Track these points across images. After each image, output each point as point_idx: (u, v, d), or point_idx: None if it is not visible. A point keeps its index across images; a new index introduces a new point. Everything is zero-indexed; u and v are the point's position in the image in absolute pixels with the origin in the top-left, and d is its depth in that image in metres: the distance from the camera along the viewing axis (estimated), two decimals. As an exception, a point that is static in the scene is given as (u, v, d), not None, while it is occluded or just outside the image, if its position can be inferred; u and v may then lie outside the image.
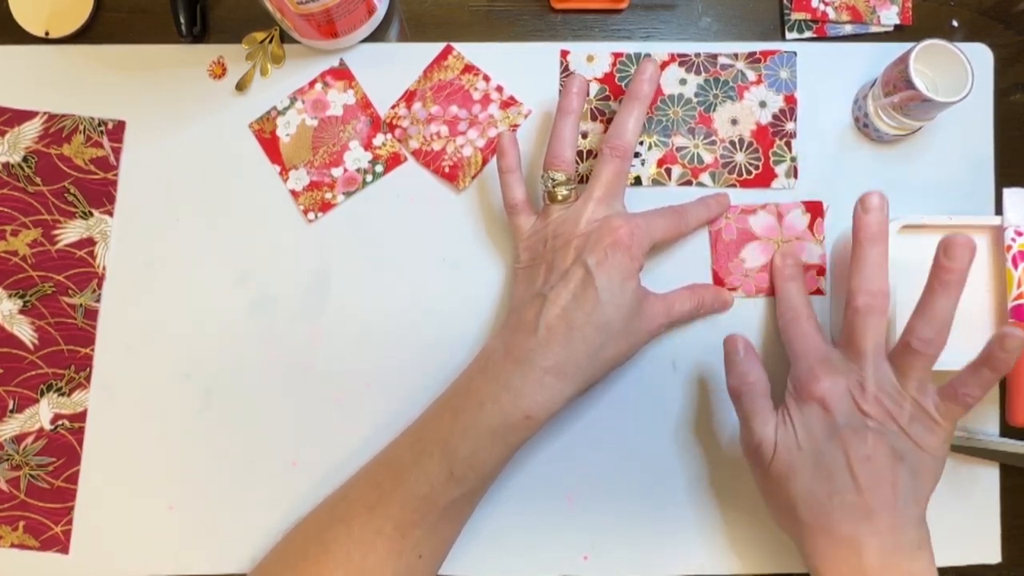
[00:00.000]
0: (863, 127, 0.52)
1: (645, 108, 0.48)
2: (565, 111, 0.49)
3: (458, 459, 0.43)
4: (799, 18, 0.54)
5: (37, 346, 0.51)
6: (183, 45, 0.54)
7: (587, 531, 0.50)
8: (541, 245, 0.47)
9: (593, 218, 0.46)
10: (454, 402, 0.45)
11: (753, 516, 0.50)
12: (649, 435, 0.51)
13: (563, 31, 0.54)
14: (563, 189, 0.48)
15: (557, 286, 0.45)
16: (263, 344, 0.51)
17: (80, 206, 0.52)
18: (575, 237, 0.46)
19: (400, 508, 0.43)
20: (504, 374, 0.44)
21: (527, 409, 0.43)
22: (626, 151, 0.47)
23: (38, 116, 0.53)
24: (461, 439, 0.43)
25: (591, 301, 0.44)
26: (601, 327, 0.44)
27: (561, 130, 0.48)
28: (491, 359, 0.45)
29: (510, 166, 0.49)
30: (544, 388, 0.43)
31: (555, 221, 0.47)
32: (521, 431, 0.44)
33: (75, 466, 0.50)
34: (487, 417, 0.43)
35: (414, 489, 0.43)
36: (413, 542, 0.43)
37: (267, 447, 0.51)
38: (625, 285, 0.45)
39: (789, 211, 0.52)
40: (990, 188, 0.53)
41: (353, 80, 0.53)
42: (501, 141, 0.49)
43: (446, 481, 0.43)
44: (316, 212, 0.52)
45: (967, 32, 0.54)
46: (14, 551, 0.50)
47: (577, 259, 0.45)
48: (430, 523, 0.44)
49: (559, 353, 0.43)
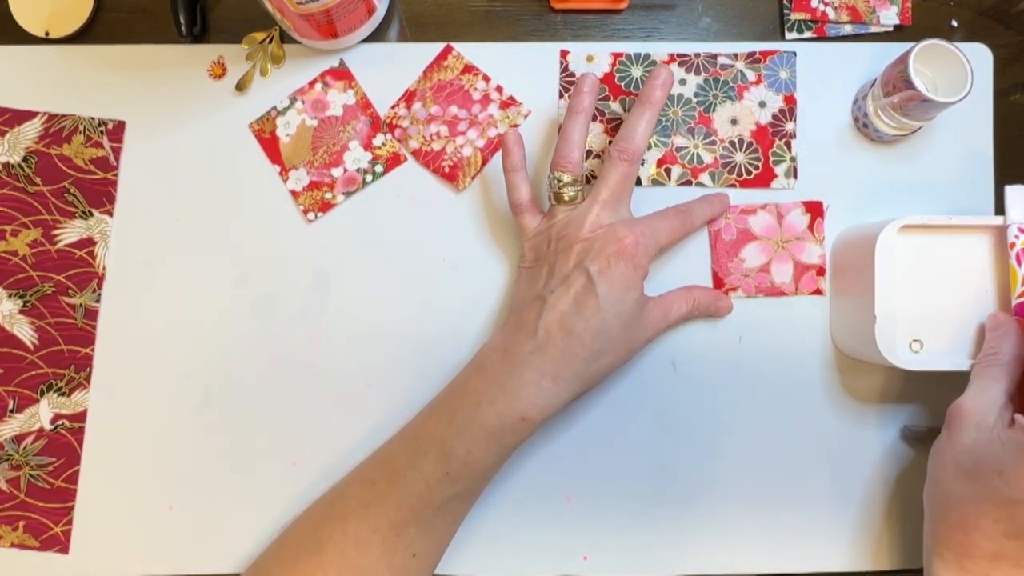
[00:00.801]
0: (863, 127, 0.52)
1: (656, 113, 0.48)
2: (575, 110, 0.48)
3: (453, 459, 0.43)
4: (799, 18, 0.54)
5: (37, 346, 0.51)
6: (183, 45, 0.54)
7: (587, 531, 0.50)
8: (545, 246, 0.47)
9: (598, 222, 0.46)
10: (451, 401, 0.45)
11: (753, 516, 0.50)
12: (649, 435, 0.51)
13: (563, 31, 0.54)
14: (569, 190, 0.47)
15: (557, 290, 0.45)
16: (263, 344, 0.51)
17: (80, 206, 0.52)
18: (578, 241, 0.46)
19: (395, 506, 0.43)
20: (501, 375, 0.44)
21: (523, 411, 0.43)
22: (634, 155, 0.47)
23: (38, 116, 0.53)
24: (457, 439, 0.43)
25: (591, 308, 0.44)
26: (599, 334, 0.44)
27: (570, 131, 0.48)
28: (489, 359, 0.45)
29: (515, 165, 0.49)
30: (541, 391, 0.43)
31: (560, 222, 0.47)
32: (517, 432, 0.44)
33: (75, 466, 0.50)
34: (483, 417, 0.43)
35: (409, 488, 0.43)
36: (407, 541, 0.43)
37: (267, 447, 0.51)
38: (626, 295, 0.44)
39: (789, 211, 0.52)
40: (990, 188, 0.53)
41: (353, 80, 0.53)
42: (506, 140, 0.49)
43: (441, 480, 0.43)
44: (316, 212, 0.52)
45: (967, 32, 0.54)
46: (14, 551, 0.50)
47: (579, 264, 0.45)
48: (425, 522, 0.44)
49: (556, 358, 0.43)
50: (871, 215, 0.51)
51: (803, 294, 0.52)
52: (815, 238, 0.52)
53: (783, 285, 0.52)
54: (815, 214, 0.52)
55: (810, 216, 0.52)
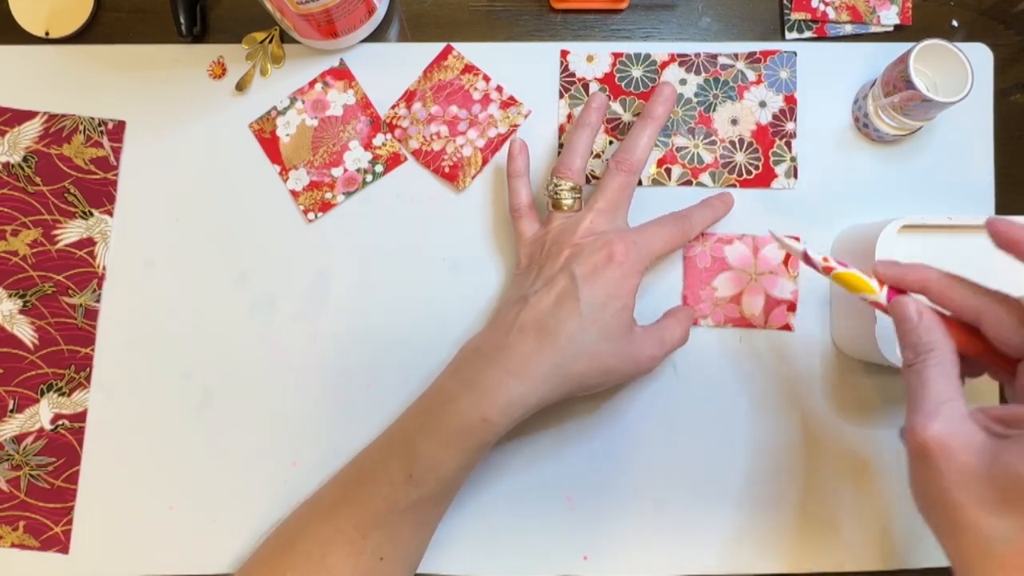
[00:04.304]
0: (863, 127, 0.52)
1: (658, 128, 0.48)
2: (582, 123, 0.49)
3: (417, 460, 0.42)
4: (799, 18, 0.54)
5: (37, 346, 0.51)
6: (183, 45, 0.54)
7: (587, 531, 0.50)
8: (539, 251, 0.47)
9: (592, 229, 0.46)
10: (425, 401, 0.45)
11: (753, 516, 0.50)
12: (649, 435, 0.51)
13: (563, 31, 0.54)
14: (568, 198, 0.48)
15: (540, 291, 0.44)
16: (263, 344, 0.51)
17: (80, 206, 0.52)
18: (569, 246, 0.45)
19: (360, 508, 0.43)
20: (471, 372, 0.43)
21: (485, 411, 0.42)
22: (633, 167, 0.47)
23: (38, 116, 0.53)
24: (423, 438, 0.43)
25: (568, 310, 0.43)
26: (573, 338, 0.43)
27: (575, 141, 0.48)
28: (465, 357, 0.45)
29: (518, 171, 0.49)
30: (504, 390, 0.42)
31: (556, 229, 0.47)
32: (478, 434, 0.42)
33: (75, 466, 0.50)
34: (448, 416, 0.43)
35: (375, 489, 0.43)
36: (373, 544, 0.43)
37: (267, 447, 0.51)
38: (609, 302, 0.44)
39: (765, 244, 0.52)
40: (990, 188, 0.53)
41: (353, 80, 0.53)
42: (512, 147, 0.50)
43: (404, 483, 0.42)
44: (316, 212, 0.52)
45: (967, 32, 0.54)
46: (14, 551, 0.50)
47: (565, 267, 0.45)
48: (390, 525, 0.43)
49: (523, 356, 0.43)
50: (871, 215, 0.50)
51: (772, 328, 0.51)
52: (789, 273, 0.52)
53: (752, 317, 0.51)
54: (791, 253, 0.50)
55: (785, 252, 0.52)
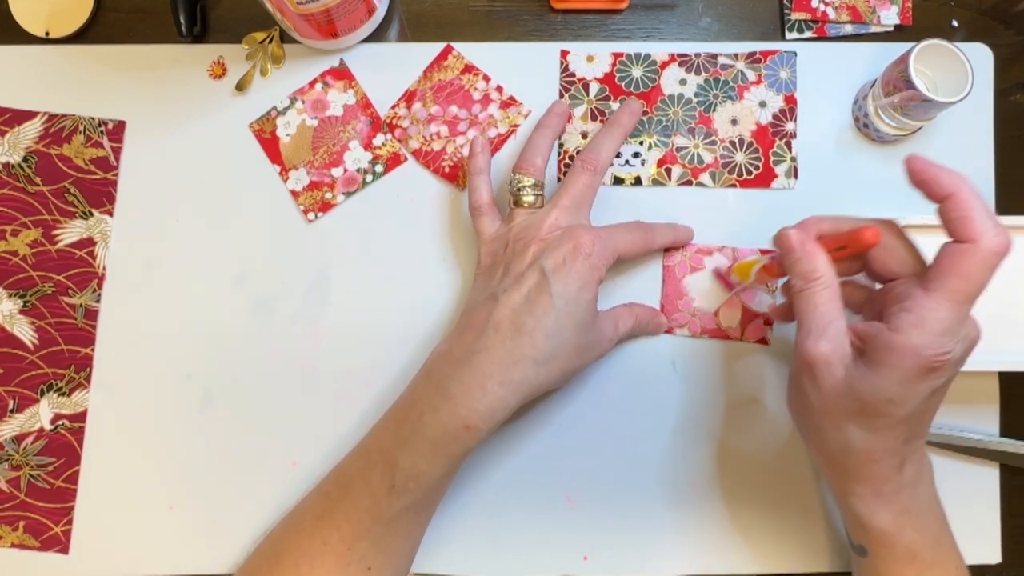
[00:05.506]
0: (863, 127, 0.52)
1: (623, 135, 0.50)
2: (543, 125, 0.50)
3: (399, 471, 0.42)
4: (799, 18, 0.54)
5: (37, 346, 0.51)
6: (183, 45, 0.54)
7: (587, 531, 0.50)
8: (502, 249, 0.47)
9: (556, 224, 0.46)
10: (398, 411, 0.44)
11: (754, 516, 0.50)
12: (649, 435, 0.51)
13: (563, 31, 0.54)
14: (529, 194, 0.48)
15: (511, 288, 0.44)
16: (263, 344, 0.51)
17: (80, 206, 0.52)
18: (535, 241, 0.45)
19: (345, 519, 0.42)
20: (445, 379, 0.42)
21: (466, 419, 0.41)
22: (598, 166, 0.48)
23: (38, 116, 0.53)
24: (401, 450, 0.42)
25: (543, 306, 0.42)
26: (552, 335, 0.42)
27: (536, 140, 0.49)
28: (436, 364, 0.44)
29: (479, 168, 0.49)
30: (485, 396, 0.41)
31: (518, 225, 0.47)
32: (462, 441, 0.42)
33: (75, 466, 0.50)
34: (426, 427, 0.42)
35: (358, 501, 0.43)
36: (360, 554, 0.42)
37: (267, 447, 0.51)
38: (581, 295, 0.43)
39: (745, 257, 0.51)
40: (990, 188, 0.53)
41: (353, 80, 0.53)
42: (473, 144, 0.50)
43: (388, 493, 0.42)
44: (316, 212, 0.52)
45: (967, 32, 0.54)
46: (14, 551, 0.50)
47: (534, 263, 0.44)
48: (376, 535, 0.42)
49: (504, 359, 0.42)
50: (871, 215, 0.50)
51: (748, 341, 0.51)
52: (767, 288, 0.52)
53: (729, 329, 0.51)
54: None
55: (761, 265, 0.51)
